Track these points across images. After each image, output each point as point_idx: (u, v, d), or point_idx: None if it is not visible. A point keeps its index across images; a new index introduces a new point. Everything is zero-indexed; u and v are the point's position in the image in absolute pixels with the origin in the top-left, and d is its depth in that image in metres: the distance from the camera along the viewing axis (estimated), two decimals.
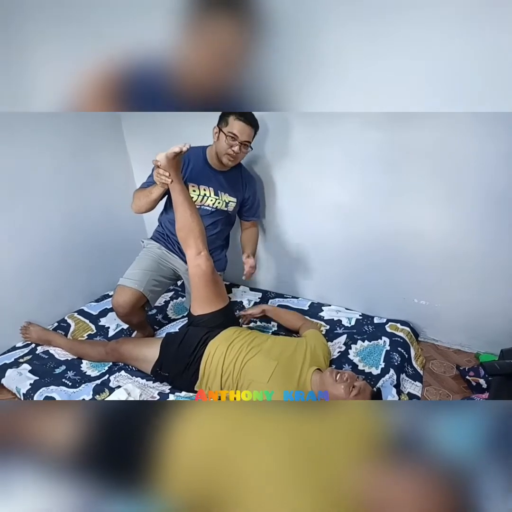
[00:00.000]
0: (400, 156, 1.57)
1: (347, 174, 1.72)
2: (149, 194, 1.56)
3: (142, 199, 1.59)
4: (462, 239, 1.61)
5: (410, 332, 1.83)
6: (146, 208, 1.61)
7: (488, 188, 1.47)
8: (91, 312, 2.07)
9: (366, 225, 1.78)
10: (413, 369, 1.67)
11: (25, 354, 1.73)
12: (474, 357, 1.78)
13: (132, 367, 1.60)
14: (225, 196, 1.73)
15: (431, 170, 1.54)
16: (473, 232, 1.57)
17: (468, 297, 1.71)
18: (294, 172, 1.84)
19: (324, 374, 1.32)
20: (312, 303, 2.10)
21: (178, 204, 1.47)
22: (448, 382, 1.64)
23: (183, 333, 1.51)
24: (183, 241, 1.50)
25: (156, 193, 1.54)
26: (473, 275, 1.66)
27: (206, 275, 1.46)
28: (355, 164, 1.68)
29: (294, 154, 1.79)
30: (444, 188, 1.55)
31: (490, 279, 1.63)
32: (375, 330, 1.84)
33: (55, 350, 1.76)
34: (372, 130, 1.56)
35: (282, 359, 1.37)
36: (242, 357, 1.36)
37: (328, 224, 1.88)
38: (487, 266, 1.61)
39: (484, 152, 1.42)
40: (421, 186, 1.59)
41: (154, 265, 1.71)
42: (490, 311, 1.68)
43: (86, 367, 1.66)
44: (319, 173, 1.78)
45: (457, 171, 1.49)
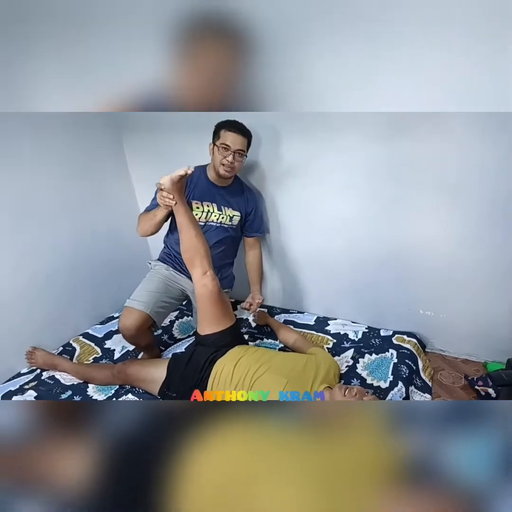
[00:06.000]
0: (402, 167, 1.59)
1: (349, 187, 1.74)
2: (153, 217, 1.58)
3: (147, 222, 1.62)
4: (466, 248, 1.62)
5: (417, 343, 1.82)
6: (151, 231, 1.64)
7: (492, 195, 1.48)
8: (96, 335, 2.06)
9: (369, 237, 1.80)
10: (421, 380, 1.66)
11: (30, 380, 1.71)
12: (482, 366, 1.77)
13: (139, 389, 1.59)
14: (228, 210, 1.75)
15: (433, 180, 1.55)
16: (478, 241, 1.58)
17: (474, 306, 1.71)
18: (296, 187, 1.86)
19: (333, 391, 1.31)
20: (318, 318, 2.10)
21: (183, 226, 1.49)
22: (458, 393, 1.63)
23: (190, 352, 1.50)
24: (188, 262, 1.51)
25: (160, 215, 1.57)
26: (478, 284, 1.66)
27: (213, 294, 1.46)
28: (357, 177, 1.70)
29: (295, 169, 1.82)
30: (448, 197, 1.56)
31: (495, 288, 1.63)
32: (382, 342, 1.83)
33: (60, 375, 1.74)
34: (372, 142, 1.59)
35: (292, 376, 1.36)
36: (251, 374, 1.35)
37: (332, 237, 1.89)
38: (492, 274, 1.62)
39: (485, 158, 1.43)
40: (423, 196, 1.60)
41: (162, 286, 1.72)
42: (496, 320, 1.69)
43: (93, 391, 1.64)
44: (321, 187, 1.80)
45: (459, 179, 1.51)
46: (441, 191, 1.56)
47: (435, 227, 1.64)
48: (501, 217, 1.50)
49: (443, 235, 1.64)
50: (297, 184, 1.86)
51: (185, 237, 1.50)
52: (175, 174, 1.37)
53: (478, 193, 1.50)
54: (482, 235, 1.57)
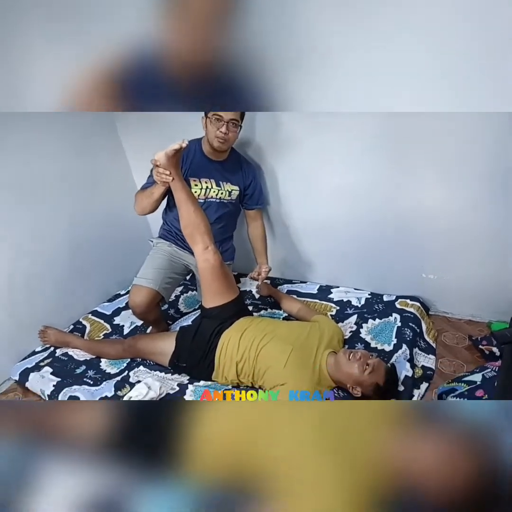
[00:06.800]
0: (403, 137, 1.55)
1: (349, 156, 1.71)
2: (151, 194, 1.57)
3: (145, 200, 1.60)
4: (468, 212, 1.60)
5: (421, 307, 1.84)
6: (150, 209, 1.62)
7: (494, 160, 1.46)
8: (105, 312, 2.11)
9: (370, 205, 1.78)
10: (425, 342, 1.69)
11: (45, 358, 1.77)
12: (486, 326, 1.78)
13: (150, 361, 1.64)
14: (227, 185, 1.73)
15: (433, 147, 1.52)
16: (480, 204, 1.57)
17: (477, 267, 1.71)
18: (296, 157, 1.83)
19: (338, 355, 1.35)
20: (321, 286, 2.11)
21: (181, 202, 1.47)
22: (462, 353, 1.66)
23: (196, 325, 1.54)
24: (189, 238, 1.51)
25: (158, 192, 1.55)
26: (481, 246, 1.65)
27: (215, 268, 1.47)
28: (357, 146, 1.67)
29: (294, 140, 1.78)
30: (448, 163, 1.54)
31: (499, 249, 1.62)
32: (385, 308, 1.85)
33: (73, 352, 1.80)
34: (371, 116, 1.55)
35: (297, 343, 1.39)
36: (256, 344, 1.39)
37: (332, 207, 1.88)
38: (495, 236, 1.60)
39: (486, 126, 1.40)
40: (424, 164, 1.58)
41: (166, 263, 1.74)
42: (500, 280, 1.69)
43: (105, 365, 1.70)
44: (321, 156, 1.77)
45: (460, 145, 1.48)
46: (442, 157, 1.53)
47: (436, 192, 1.62)
48: (504, 178, 1.47)
49: (445, 200, 1.62)
50: (296, 154, 1.82)
51: (184, 213, 1.49)
52: (169, 149, 1.34)
53: (480, 157, 1.48)
54: (483, 199, 1.55)
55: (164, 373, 1.56)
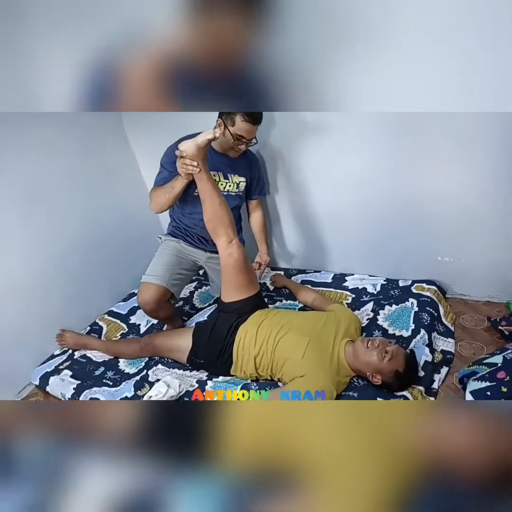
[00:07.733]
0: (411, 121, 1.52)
1: (360, 143, 1.68)
2: (171, 189, 1.53)
3: (164, 196, 1.56)
4: (483, 195, 1.56)
5: (437, 290, 1.81)
6: (169, 205, 1.59)
7: (507, 142, 1.41)
8: (120, 312, 2.12)
9: (381, 191, 1.75)
10: (443, 326, 1.67)
11: (64, 361, 1.79)
12: (505, 306, 1.75)
13: (167, 359, 1.65)
14: (235, 177, 1.72)
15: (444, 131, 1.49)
16: (495, 187, 1.53)
17: (493, 248, 1.67)
18: (307, 146, 1.80)
19: (356, 344, 1.33)
20: (335, 275, 2.09)
21: (207, 194, 1.44)
22: (481, 335, 1.63)
23: (213, 320, 1.54)
24: (213, 231, 1.48)
25: (179, 186, 1.51)
26: (496, 227, 1.61)
27: (238, 263, 1.45)
28: (367, 132, 1.64)
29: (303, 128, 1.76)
30: (460, 147, 1.50)
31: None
32: (401, 293, 1.82)
33: (91, 353, 1.81)
34: None
35: (313, 334, 1.38)
36: (273, 336, 1.38)
37: (343, 194, 1.85)
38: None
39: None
40: (435, 148, 1.54)
41: (174, 259, 1.73)
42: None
43: (124, 365, 1.71)
44: (332, 144, 1.74)
45: (470, 129, 1.44)
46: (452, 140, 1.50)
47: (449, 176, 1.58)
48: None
49: (458, 183, 1.58)
50: (306, 144, 1.79)
51: (209, 205, 1.45)
52: (202, 139, 1.30)
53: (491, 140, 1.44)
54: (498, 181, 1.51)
55: (183, 370, 1.57)
